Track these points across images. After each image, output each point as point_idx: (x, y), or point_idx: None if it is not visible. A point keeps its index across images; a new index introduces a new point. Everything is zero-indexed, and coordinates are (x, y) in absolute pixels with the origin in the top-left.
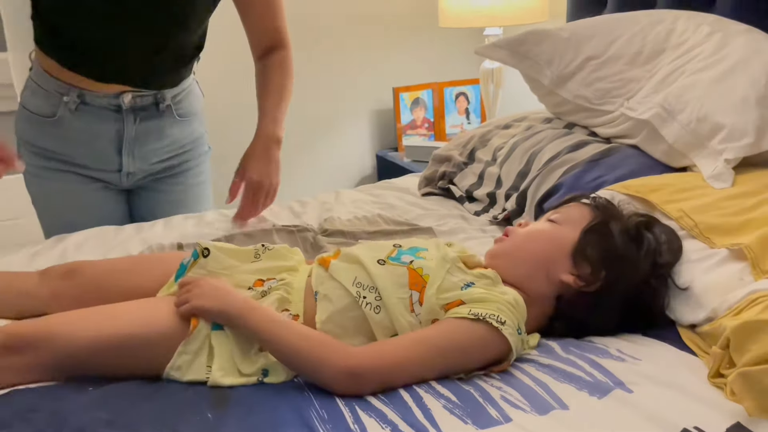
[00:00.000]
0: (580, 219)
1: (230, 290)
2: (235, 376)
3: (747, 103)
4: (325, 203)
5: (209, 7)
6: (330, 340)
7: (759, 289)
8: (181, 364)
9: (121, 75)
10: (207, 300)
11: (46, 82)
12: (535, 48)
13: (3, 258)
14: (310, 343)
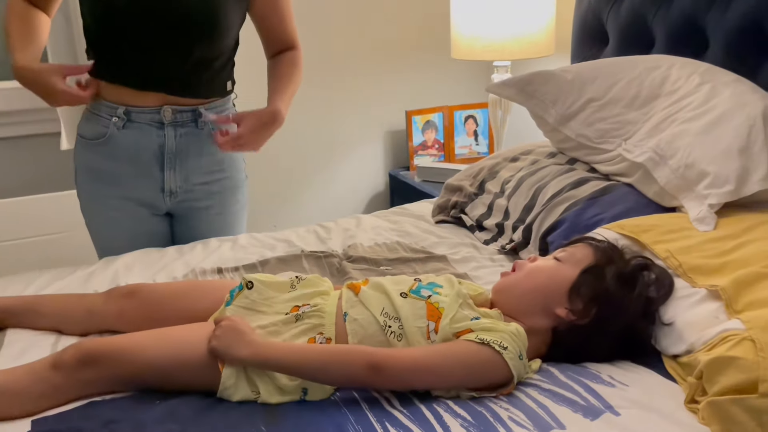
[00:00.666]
0: (582, 259)
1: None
2: (280, 395)
3: (730, 154)
4: (347, 230)
5: (235, 17)
6: (349, 346)
7: (729, 328)
8: (228, 386)
9: (157, 81)
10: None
11: (97, 107)
12: (542, 88)
13: (62, 280)
14: (331, 353)
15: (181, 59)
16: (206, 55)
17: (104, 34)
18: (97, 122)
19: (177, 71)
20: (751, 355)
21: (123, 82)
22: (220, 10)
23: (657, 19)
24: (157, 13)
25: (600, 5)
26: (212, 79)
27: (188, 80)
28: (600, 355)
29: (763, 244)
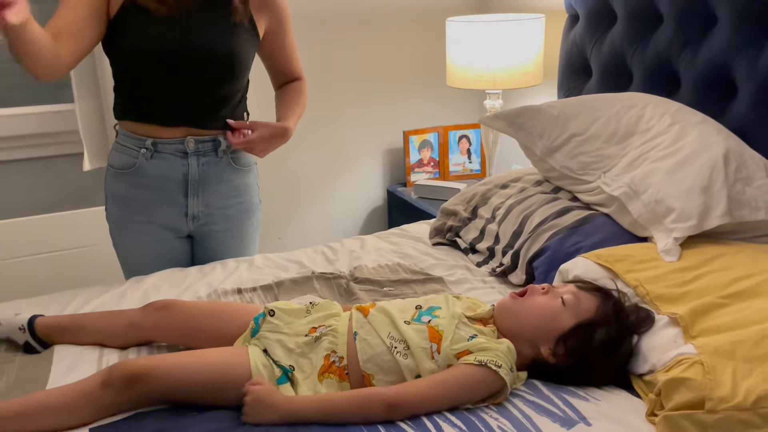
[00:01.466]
0: (583, 311)
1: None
2: None
3: (693, 192)
4: (353, 251)
5: (248, 55)
6: (364, 391)
7: (684, 352)
8: None
9: (181, 116)
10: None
11: (127, 140)
12: (529, 122)
13: (98, 299)
14: (351, 400)
15: (203, 97)
16: (226, 92)
17: (131, 76)
18: (126, 153)
19: (199, 108)
20: (700, 377)
21: (150, 120)
22: (238, 52)
23: (635, 58)
24: (182, 58)
25: (584, 41)
26: (231, 113)
27: (210, 115)
28: (572, 385)
29: (718, 276)
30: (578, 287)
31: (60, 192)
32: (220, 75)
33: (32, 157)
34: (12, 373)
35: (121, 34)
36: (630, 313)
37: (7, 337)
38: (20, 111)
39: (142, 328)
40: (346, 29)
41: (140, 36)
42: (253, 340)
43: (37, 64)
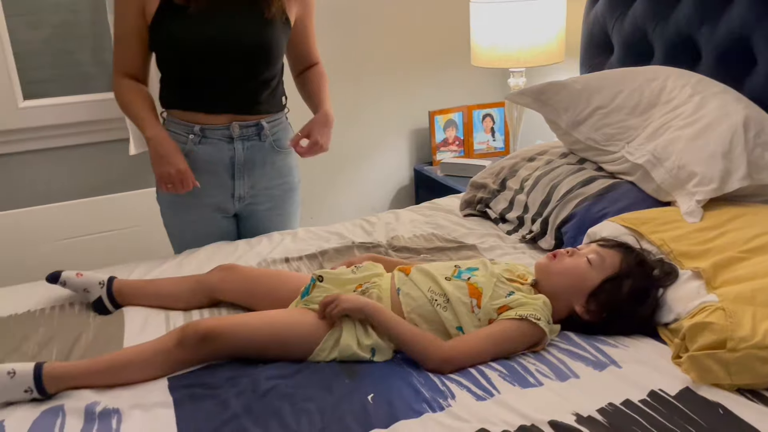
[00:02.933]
0: (609, 267)
1: (362, 298)
2: (356, 347)
3: (714, 157)
4: (389, 223)
5: (281, 43)
6: (430, 337)
7: (707, 300)
8: (326, 347)
9: (225, 104)
10: (351, 304)
11: (175, 126)
12: (554, 97)
13: (159, 268)
14: (418, 336)
15: (243, 86)
16: (263, 78)
17: (174, 69)
18: (176, 139)
19: (242, 94)
20: (722, 321)
21: (195, 108)
22: (271, 42)
23: (656, 32)
24: (223, 50)
25: (605, 18)
26: (271, 96)
27: (252, 100)
28: (606, 335)
29: (738, 234)
30: (600, 245)
31: (107, 176)
32: (256, 65)
33: (81, 144)
34: (90, 333)
35: (161, 33)
36: (654, 266)
37: (84, 288)
38: (69, 100)
39: (208, 285)
40: (372, 13)
41: (178, 33)
42: (303, 302)
43: None
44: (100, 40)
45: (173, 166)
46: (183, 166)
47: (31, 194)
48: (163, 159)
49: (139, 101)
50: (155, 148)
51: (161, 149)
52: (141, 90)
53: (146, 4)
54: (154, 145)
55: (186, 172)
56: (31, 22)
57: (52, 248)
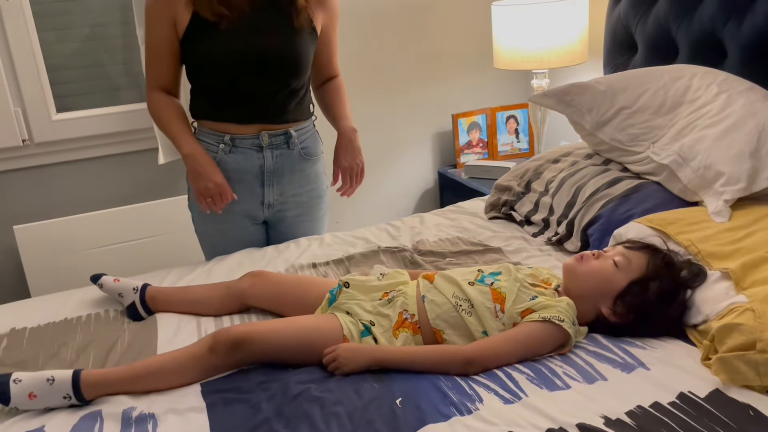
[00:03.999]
0: (634, 269)
1: (361, 347)
2: None
3: (742, 156)
4: (413, 227)
5: (308, 53)
6: (443, 347)
7: (736, 301)
8: None
9: (256, 114)
10: (355, 363)
11: (206, 136)
12: (578, 98)
13: (190, 274)
14: (433, 352)
15: (272, 96)
16: (292, 89)
17: (205, 82)
18: (207, 148)
19: (272, 105)
20: (752, 322)
21: (226, 119)
22: (303, 50)
23: (680, 31)
24: (254, 63)
25: (629, 17)
26: (299, 105)
27: (281, 110)
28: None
29: (767, 233)
30: (627, 248)
31: (138, 185)
32: (286, 76)
33: (112, 154)
34: (125, 339)
35: (192, 47)
36: (682, 267)
37: (118, 293)
38: (101, 112)
39: (238, 292)
40: (395, 18)
41: (209, 48)
42: (331, 309)
43: None
44: (129, 53)
45: (212, 180)
46: (221, 180)
47: (65, 204)
48: (202, 175)
49: (174, 117)
50: (193, 165)
51: (199, 166)
52: (174, 105)
53: (177, 19)
54: (192, 162)
55: (224, 185)
56: (62, 37)
57: (86, 257)
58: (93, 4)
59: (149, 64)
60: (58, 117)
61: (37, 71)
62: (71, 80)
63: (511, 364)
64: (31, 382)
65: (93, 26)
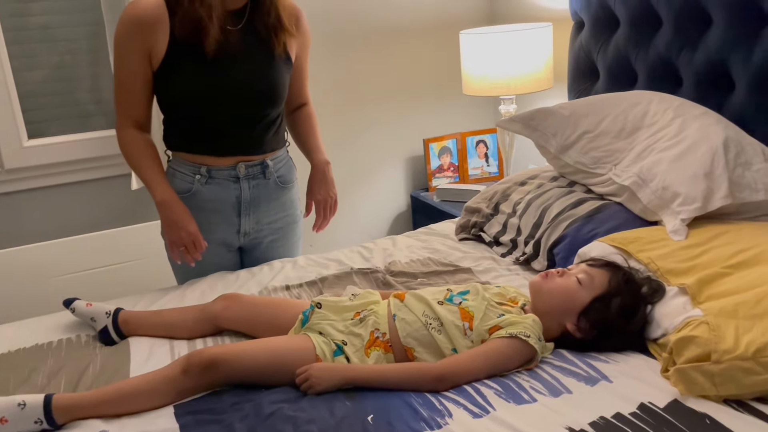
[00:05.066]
0: (598, 286)
1: (333, 367)
2: None
3: (697, 178)
4: (386, 249)
5: (284, 83)
6: (415, 364)
7: (692, 315)
8: None
9: (232, 146)
10: (327, 382)
11: (181, 166)
12: (543, 123)
13: (162, 298)
14: (404, 370)
15: (252, 126)
16: (269, 119)
17: (181, 114)
18: (183, 179)
19: (249, 136)
20: (707, 334)
21: (202, 152)
22: (278, 83)
23: (638, 59)
24: (234, 94)
25: (590, 46)
26: (275, 134)
27: (258, 141)
28: (598, 352)
29: (721, 250)
30: (590, 265)
31: (110, 211)
32: (265, 107)
33: (84, 180)
34: (97, 363)
35: (169, 79)
36: (642, 284)
37: (91, 317)
38: (72, 138)
39: (211, 314)
40: (366, 46)
41: (188, 79)
42: (303, 329)
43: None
44: (97, 80)
45: (185, 230)
46: (194, 229)
47: (37, 230)
48: (176, 223)
49: (147, 159)
50: (166, 213)
51: (173, 214)
52: (147, 144)
53: (153, 51)
54: (166, 210)
55: (197, 235)
56: (32, 64)
57: (58, 283)
58: (62, 33)
59: (120, 98)
60: (29, 143)
61: (9, 99)
62: (41, 107)
63: (480, 379)
64: (2, 407)
65: (63, 54)
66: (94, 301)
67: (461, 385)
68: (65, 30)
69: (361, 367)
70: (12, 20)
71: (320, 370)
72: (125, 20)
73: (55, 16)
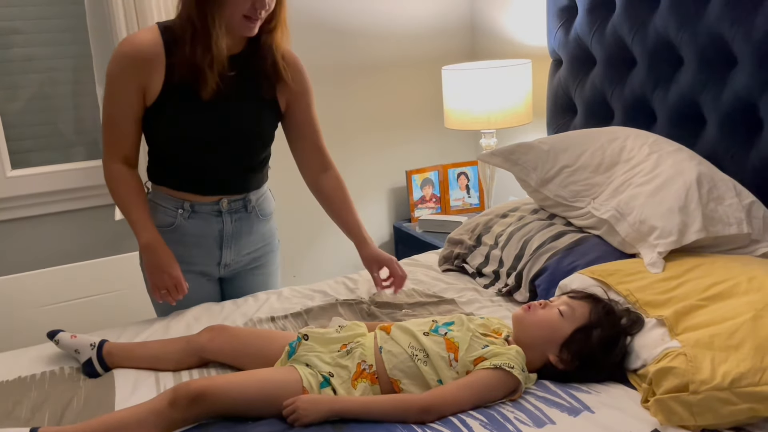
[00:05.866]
0: (578, 318)
1: (320, 398)
2: None
3: (672, 212)
4: (370, 280)
5: (274, 129)
6: (400, 396)
7: (670, 347)
8: None
9: (217, 187)
10: (314, 415)
11: (164, 200)
12: (524, 157)
13: (147, 330)
14: (389, 401)
15: (235, 169)
16: (256, 160)
17: (168, 153)
18: (165, 213)
19: (235, 177)
20: (684, 365)
21: (186, 189)
22: (268, 126)
23: (614, 96)
24: (217, 139)
25: (568, 83)
26: (259, 174)
27: (242, 182)
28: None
29: (697, 283)
30: (571, 297)
31: (92, 241)
32: (252, 150)
33: (66, 210)
34: (81, 396)
35: (159, 118)
36: (622, 315)
37: (75, 349)
38: (55, 168)
39: (197, 346)
40: (352, 80)
41: (179, 120)
42: (290, 361)
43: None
44: (81, 111)
45: (167, 273)
46: (177, 273)
47: (19, 261)
48: (159, 267)
49: (133, 198)
50: (150, 256)
51: (157, 258)
52: (135, 182)
53: (147, 87)
54: (150, 253)
55: (180, 279)
56: (14, 96)
57: (40, 314)
58: (45, 64)
59: (109, 132)
60: (12, 173)
61: None
62: (24, 137)
63: (466, 410)
64: None
65: (45, 84)
66: (78, 333)
67: (447, 416)
68: (49, 61)
69: (347, 399)
70: None
71: (307, 402)
72: (120, 55)
73: (39, 48)
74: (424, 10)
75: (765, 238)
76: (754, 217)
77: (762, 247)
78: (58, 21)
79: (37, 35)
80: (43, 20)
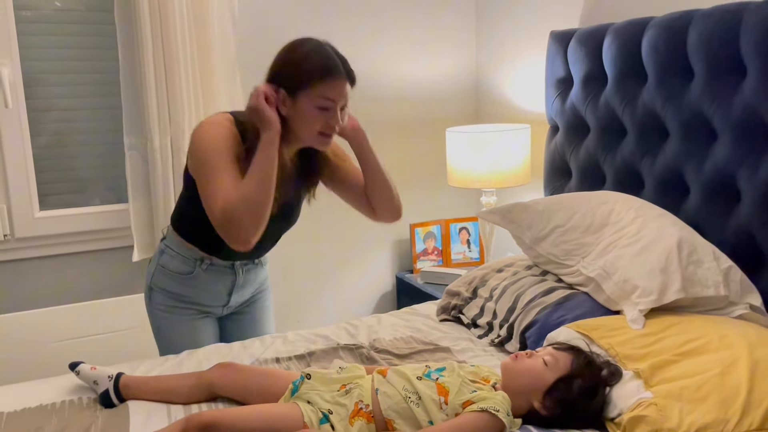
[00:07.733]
0: (562, 367)
1: None
2: None
3: (653, 273)
4: (371, 326)
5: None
6: None
7: (643, 397)
8: None
9: (239, 255)
10: None
11: (185, 251)
12: (519, 216)
13: (161, 366)
14: None
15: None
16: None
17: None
18: (184, 262)
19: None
20: (655, 414)
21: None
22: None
23: (606, 162)
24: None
25: (564, 148)
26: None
27: (263, 252)
28: (562, 429)
29: (673, 339)
30: (555, 348)
31: (111, 280)
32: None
33: (88, 251)
34: (98, 425)
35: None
36: (602, 367)
37: (93, 380)
38: (80, 211)
39: (208, 381)
40: None
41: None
42: (293, 398)
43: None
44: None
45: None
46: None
47: (42, 296)
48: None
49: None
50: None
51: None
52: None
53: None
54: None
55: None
56: (45, 142)
57: (58, 348)
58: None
59: (223, 180)
60: (40, 214)
61: (26, 172)
62: (53, 181)
63: None
64: None
65: (75, 133)
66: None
67: None
68: (82, 112)
69: None
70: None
71: None
72: (219, 126)
73: (73, 99)
74: (433, 76)
75: (741, 300)
76: (731, 280)
77: (739, 309)
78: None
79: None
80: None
